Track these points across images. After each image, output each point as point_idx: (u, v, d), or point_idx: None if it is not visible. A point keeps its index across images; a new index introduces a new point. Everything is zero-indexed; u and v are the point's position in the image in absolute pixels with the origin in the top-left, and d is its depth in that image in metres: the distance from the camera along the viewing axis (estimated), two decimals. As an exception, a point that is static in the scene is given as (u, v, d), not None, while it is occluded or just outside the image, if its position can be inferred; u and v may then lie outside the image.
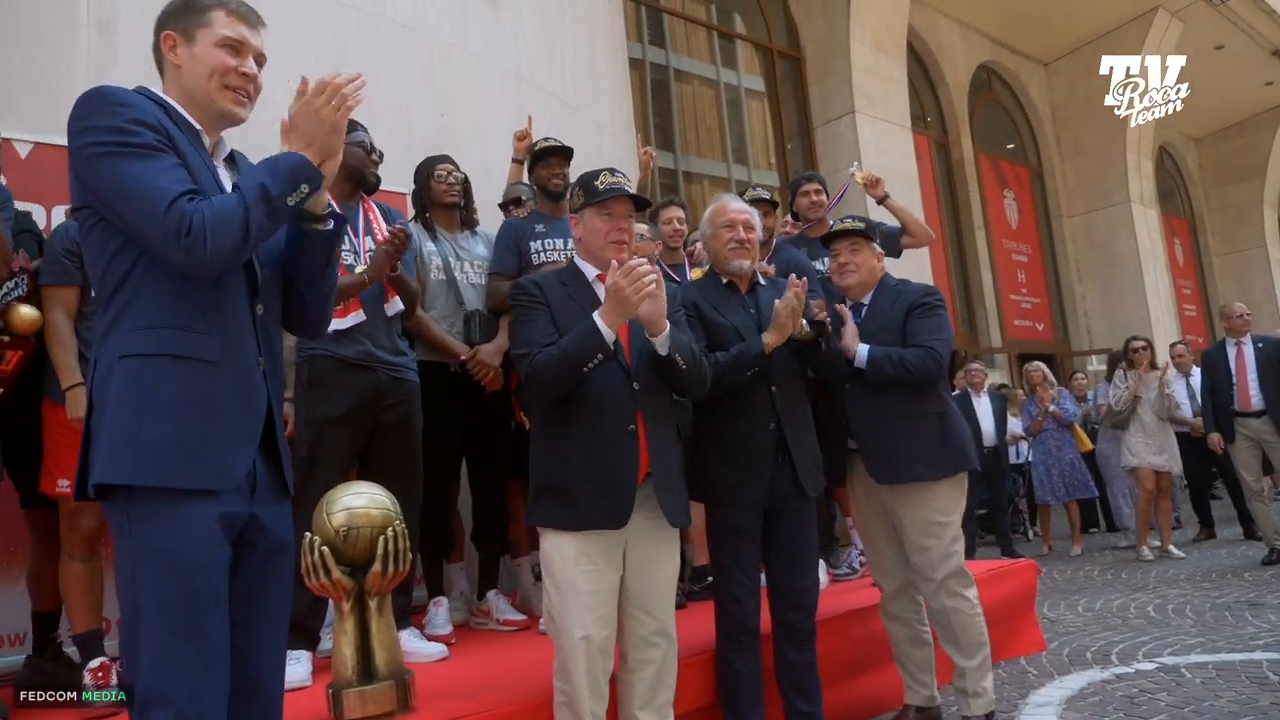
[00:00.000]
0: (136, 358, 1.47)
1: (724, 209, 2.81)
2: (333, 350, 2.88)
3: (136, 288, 1.50)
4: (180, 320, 1.50)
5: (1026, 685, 3.53)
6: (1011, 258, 13.83)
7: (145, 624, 1.41)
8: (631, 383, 2.27)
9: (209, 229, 1.43)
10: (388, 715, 2.21)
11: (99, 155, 1.47)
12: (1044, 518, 8.12)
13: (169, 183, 1.46)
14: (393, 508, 2.33)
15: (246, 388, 1.55)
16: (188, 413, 1.47)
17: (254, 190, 1.49)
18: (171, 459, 1.44)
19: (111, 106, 1.49)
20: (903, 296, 2.95)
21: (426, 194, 3.57)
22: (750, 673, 2.59)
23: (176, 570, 1.42)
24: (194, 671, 1.41)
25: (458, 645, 3.12)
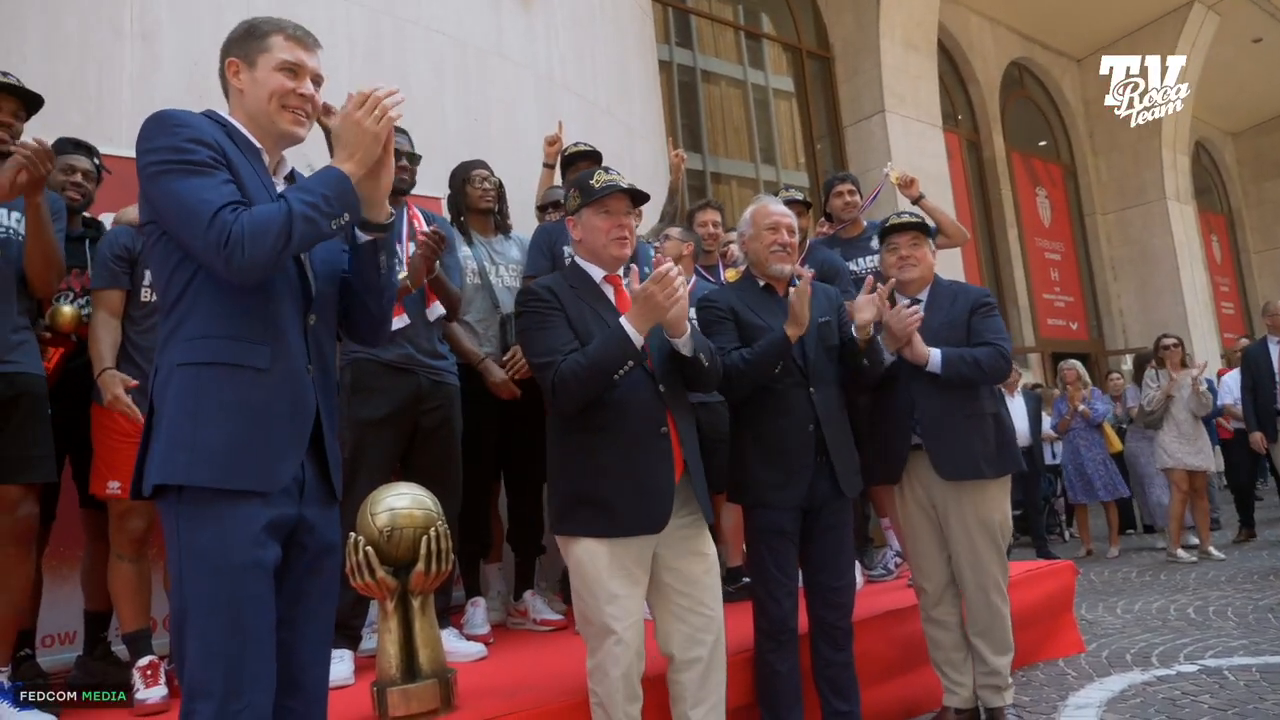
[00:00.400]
0: (193, 366, 1.55)
1: (767, 211, 2.81)
2: (375, 354, 2.93)
3: (194, 299, 1.58)
4: (234, 330, 1.57)
5: (1065, 687, 3.50)
6: (1044, 256, 13.67)
7: (192, 621, 1.48)
8: (658, 386, 2.27)
9: (247, 237, 1.50)
10: (431, 713, 2.25)
11: (157, 173, 1.55)
12: (1081, 519, 8.02)
13: (215, 196, 1.53)
14: (435, 509, 2.37)
15: (296, 395, 1.62)
16: (239, 418, 1.54)
17: (300, 205, 1.55)
18: (224, 461, 1.51)
19: (171, 127, 1.58)
20: (963, 295, 3.01)
21: (462, 199, 3.63)
22: (789, 672, 2.59)
23: (221, 570, 1.48)
24: (236, 668, 1.46)
25: (495, 645, 3.16)
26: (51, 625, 3.11)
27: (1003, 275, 12.76)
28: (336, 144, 1.65)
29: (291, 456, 1.59)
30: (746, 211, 2.86)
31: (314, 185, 1.59)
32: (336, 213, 1.59)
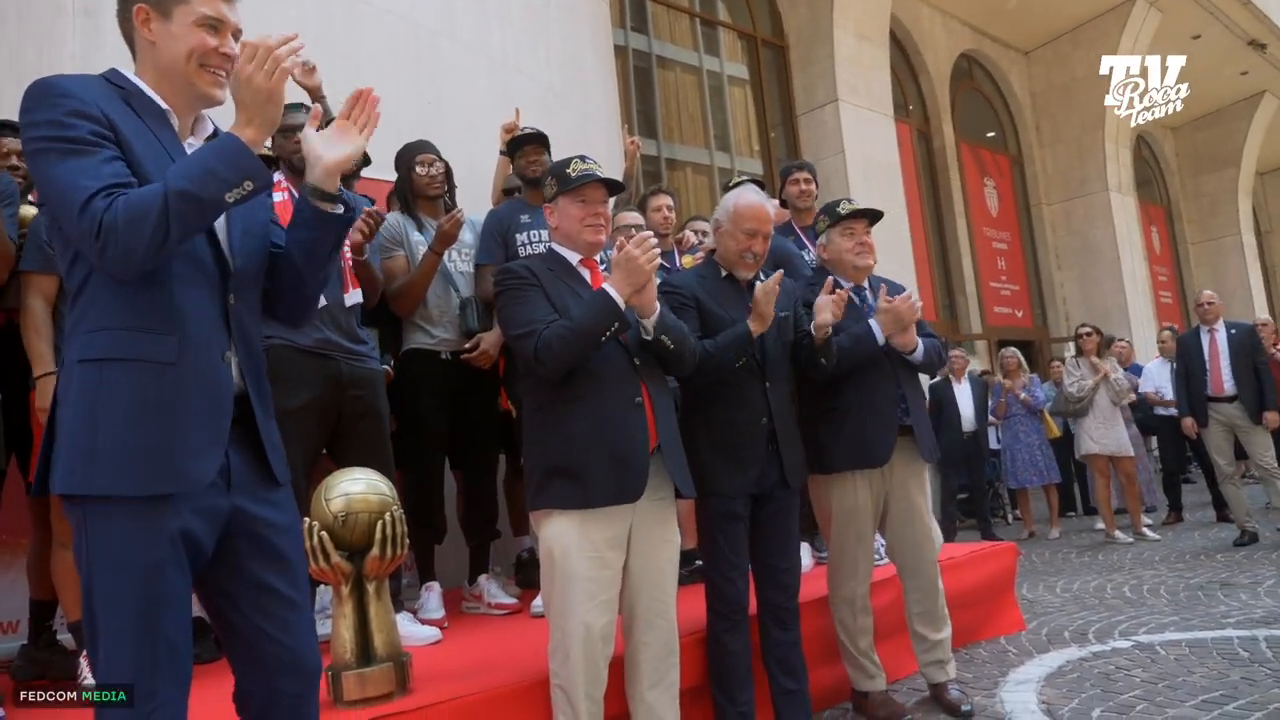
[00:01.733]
0: (92, 363, 1.43)
1: (752, 214, 2.73)
2: (292, 339, 2.82)
3: (94, 289, 1.46)
4: (135, 322, 1.44)
5: (1007, 664, 3.62)
6: (992, 245, 13.96)
7: (100, 621, 1.42)
8: (632, 358, 2.32)
9: (120, 225, 1.36)
10: (386, 696, 2.25)
11: (37, 153, 1.42)
12: (1023, 502, 8.26)
13: (90, 180, 1.38)
14: (390, 494, 2.37)
15: (209, 387, 1.50)
16: (143, 418, 1.42)
17: (182, 182, 1.39)
18: (128, 467, 1.40)
19: (54, 98, 1.43)
20: (894, 290, 3.12)
21: (409, 185, 3.56)
22: (742, 651, 2.65)
23: (129, 571, 1.41)
24: (145, 668, 1.41)
25: (450, 629, 3.17)
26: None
27: (951, 263, 13.01)
28: (238, 106, 1.46)
29: (209, 453, 1.48)
30: (730, 199, 2.80)
31: (202, 157, 1.44)
32: (232, 182, 1.41)
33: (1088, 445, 7.13)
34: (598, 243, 2.40)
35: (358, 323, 3.08)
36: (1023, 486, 8.05)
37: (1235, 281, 17.50)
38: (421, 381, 3.37)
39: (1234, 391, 6.25)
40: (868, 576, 3.08)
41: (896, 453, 2.98)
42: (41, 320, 2.69)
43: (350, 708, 2.20)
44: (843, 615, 3.07)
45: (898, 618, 3.24)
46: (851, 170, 10.10)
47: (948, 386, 7.75)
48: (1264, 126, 17.49)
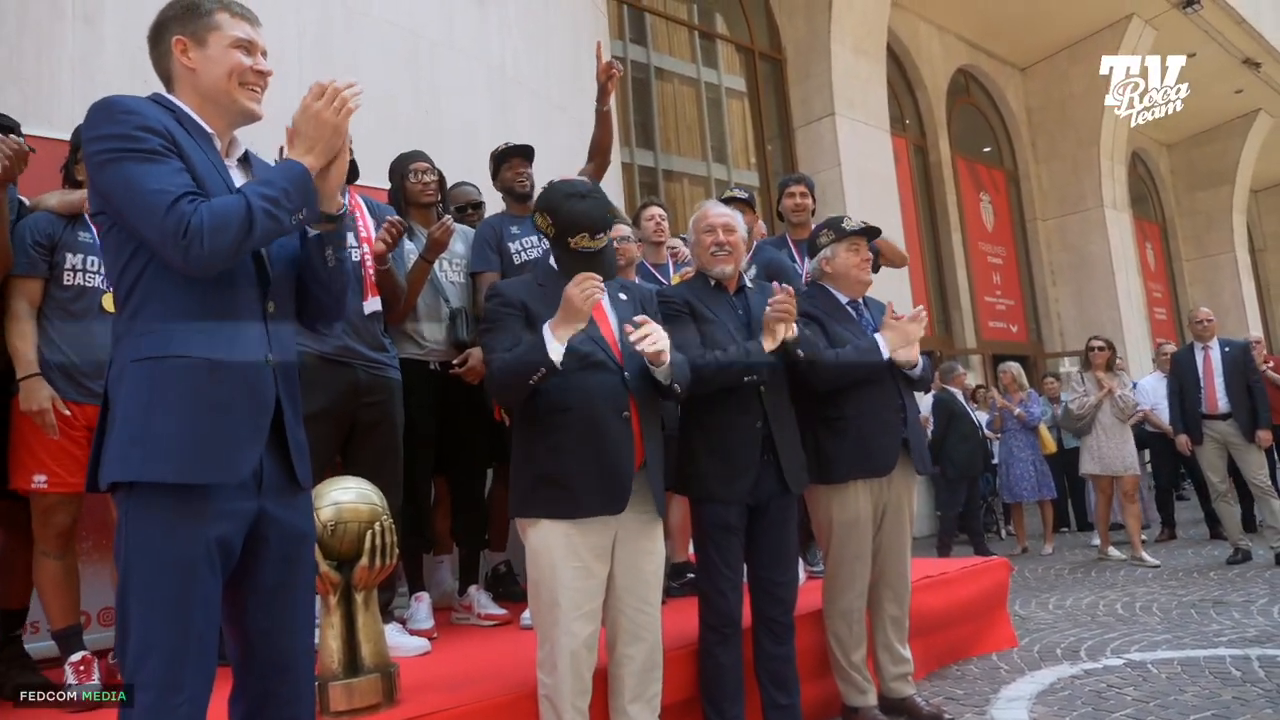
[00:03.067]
0: (147, 361, 1.52)
1: (705, 214, 2.88)
2: (312, 346, 2.86)
3: (148, 291, 1.55)
4: (190, 322, 1.54)
5: (998, 680, 3.61)
6: (987, 260, 13.99)
7: (133, 614, 1.47)
8: (623, 372, 2.32)
9: (206, 229, 1.47)
10: (373, 708, 2.24)
11: (108, 162, 1.52)
12: (1017, 517, 8.26)
13: (170, 185, 1.50)
14: (380, 503, 2.36)
15: (254, 387, 1.59)
16: (194, 411, 1.51)
17: (262, 196, 1.53)
18: (180, 455, 1.49)
19: (119, 114, 1.54)
20: (880, 308, 3.16)
21: (402, 193, 3.57)
22: (733, 665, 2.64)
23: (166, 565, 1.47)
24: (176, 661, 1.46)
25: (439, 640, 3.15)
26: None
27: (946, 277, 13.04)
28: (295, 136, 1.63)
29: (250, 449, 1.57)
30: (693, 216, 2.92)
31: (275, 179, 1.57)
32: (296, 207, 1.58)
33: (1089, 464, 6.97)
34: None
35: (381, 330, 3.09)
36: (1017, 501, 8.04)
37: (1229, 299, 17.55)
38: (410, 390, 3.37)
39: (1228, 409, 6.26)
40: (865, 590, 3.07)
41: (900, 466, 3.01)
42: (26, 324, 2.68)
43: (337, 718, 2.18)
44: (837, 628, 3.06)
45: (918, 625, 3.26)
46: (848, 183, 10.13)
47: (954, 399, 7.69)
48: (1259, 144, 17.57)
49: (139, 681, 1.46)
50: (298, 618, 1.66)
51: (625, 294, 2.51)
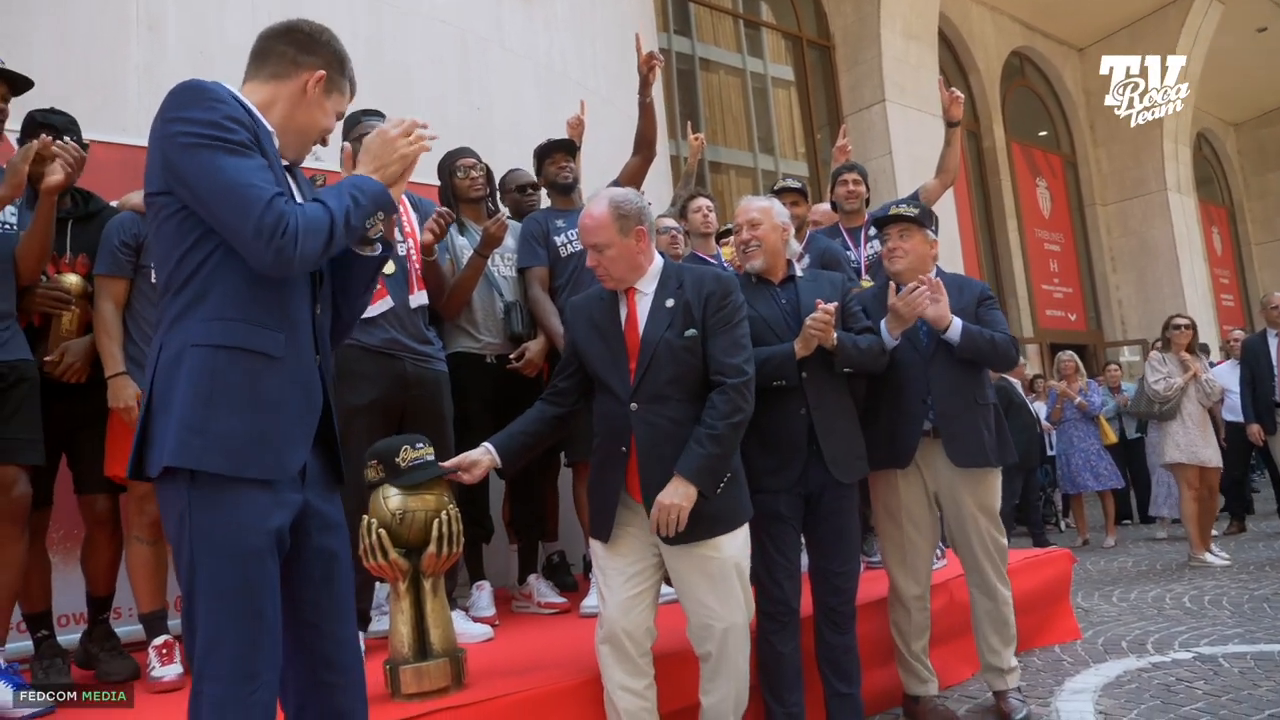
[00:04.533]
0: (209, 348, 1.51)
1: (738, 214, 2.89)
2: (359, 339, 2.91)
3: (210, 280, 1.54)
4: (249, 315, 1.55)
5: (1062, 672, 3.56)
6: (1044, 247, 13.71)
7: (201, 604, 1.48)
8: (628, 405, 2.34)
9: (301, 233, 1.49)
10: (442, 690, 2.28)
11: (194, 146, 1.50)
12: (1077, 509, 8.08)
13: (263, 182, 1.50)
14: (447, 492, 2.41)
15: (307, 385, 1.62)
16: (253, 406, 1.52)
17: (343, 206, 1.56)
18: (238, 449, 1.49)
19: (208, 100, 1.53)
20: (969, 287, 3.08)
21: (451, 190, 3.64)
22: (790, 654, 2.64)
23: (231, 555, 1.48)
24: (247, 651, 1.47)
25: (501, 627, 3.20)
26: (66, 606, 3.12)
27: (1001, 266, 12.80)
28: (362, 155, 1.67)
29: (301, 446, 1.59)
30: None
31: (355, 193, 1.60)
32: (370, 215, 1.62)
33: (1174, 453, 6.26)
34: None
35: (424, 324, 3.15)
36: (1078, 493, 7.86)
37: (1301, 283, 16.95)
38: (467, 384, 3.42)
39: (1302, 397, 6.04)
40: (924, 578, 3.05)
41: (935, 455, 2.96)
42: (112, 323, 2.77)
43: (408, 700, 2.24)
44: (897, 616, 3.05)
45: (954, 622, 3.20)
46: (899, 171, 10.00)
47: (1013, 389, 7.50)
48: (1332, 122, 16.94)
49: (209, 673, 1.47)
50: (343, 609, 1.69)
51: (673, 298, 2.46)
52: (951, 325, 2.90)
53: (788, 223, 2.89)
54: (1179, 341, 6.40)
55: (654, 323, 2.38)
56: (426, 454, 2.39)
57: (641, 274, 2.43)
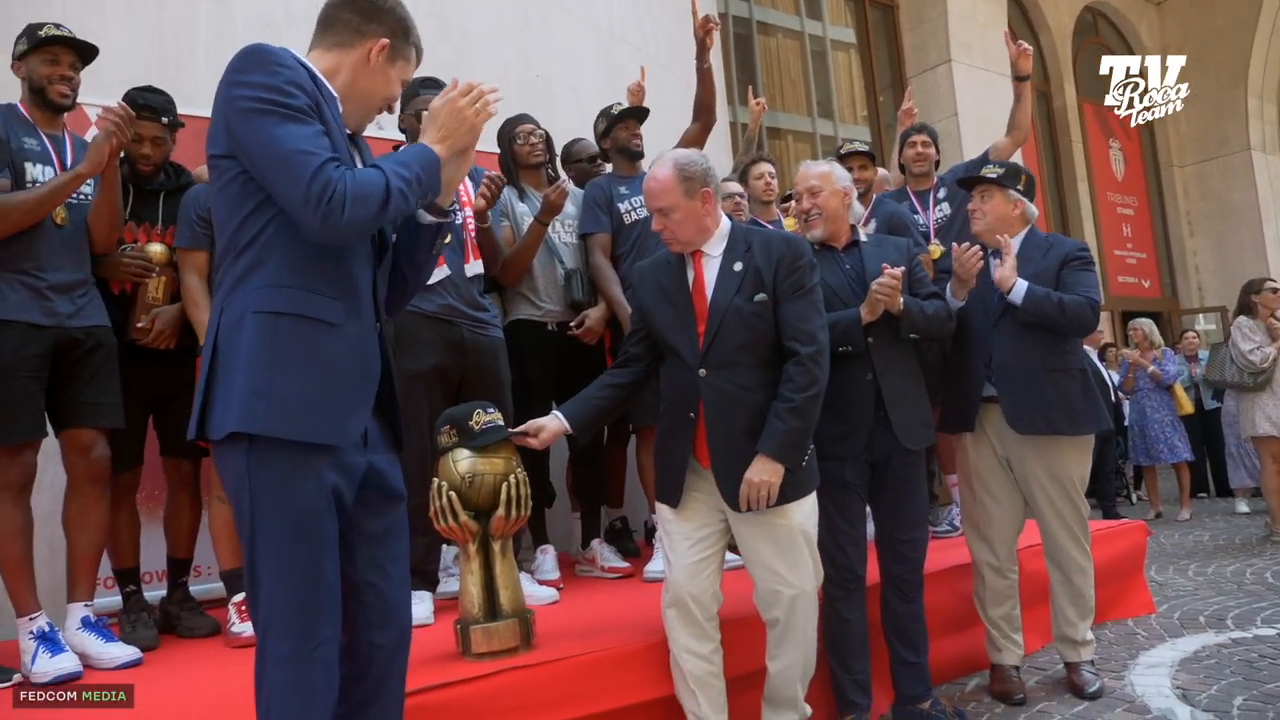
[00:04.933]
0: (270, 314, 1.52)
1: (801, 178, 2.82)
2: (418, 305, 2.94)
3: (269, 245, 1.55)
4: (310, 283, 1.55)
5: (1136, 646, 3.48)
6: (1116, 211, 13.23)
7: (264, 565, 1.50)
8: (697, 371, 2.32)
9: (349, 199, 1.47)
10: (512, 650, 2.32)
11: (253, 111, 1.50)
12: (1150, 481, 7.85)
13: (316, 148, 1.49)
14: (514, 456, 2.44)
15: (366, 353, 1.63)
16: (313, 373, 1.53)
17: (401, 175, 1.54)
18: (300, 414, 1.50)
19: (270, 65, 1.52)
20: (1056, 248, 2.97)
21: (511, 156, 3.64)
22: (856, 621, 2.62)
23: (291, 516, 1.50)
24: (310, 609, 1.50)
25: (566, 590, 3.24)
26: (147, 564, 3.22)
27: (1071, 231, 12.39)
28: (429, 123, 1.64)
29: (360, 413, 1.60)
30: None
31: (410, 162, 1.57)
32: (424, 192, 1.60)
33: (1263, 425, 5.97)
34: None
35: (479, 292, 3.17)
36: (1151, 464, 7.62)
37: (1395, 247, 16.07)
38: (528, 351, 3.45)
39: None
40: (1000, 546, 2.99)
41: (1001, 420, 2.89)
42: (199, 294, 2.86)
43: (478, 660, 2.28)
44: (975, 582, 3.04)
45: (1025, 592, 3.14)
46: (965, 133, 9.72)
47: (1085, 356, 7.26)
48: None
49: (272, 631, 1.49)
50: (399, 571, 1.71)
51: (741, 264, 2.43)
52: (1015, 287, 2.82)
53: (849, 186, 2.82)
54: (1269, 306, 6.12)
55: (722, 287, 2.35)
56: (496, 419, 2.42)
57: (708, 237, 2.40)
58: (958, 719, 2.69)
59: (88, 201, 2.75)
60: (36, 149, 2.68)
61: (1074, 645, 2.98)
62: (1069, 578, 2.95)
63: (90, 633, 2.60)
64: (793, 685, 2.37)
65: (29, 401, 2.56)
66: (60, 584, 2.72)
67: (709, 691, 2.32)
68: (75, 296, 2.67)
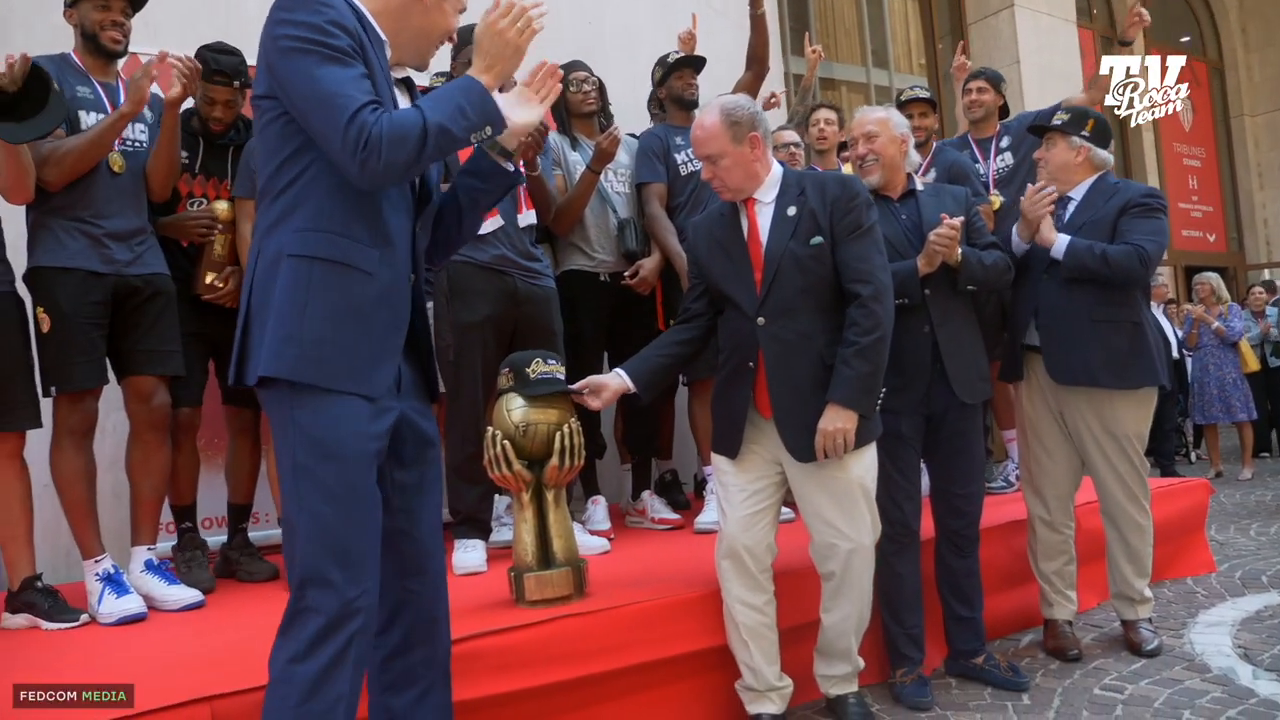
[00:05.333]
0: (305, 259, 1.50)
1: (859, 123, 2.73)
2: (471, 256, 2.96)
3: (307, 188, 1.52)
4: (345, 229, 1.52)
5: (1195, 605, 3.41)
6: (1182, 162, 12.71)
7: (306, 509, 1.47)
8: (755, 319, 2.28)
9: (385, 142, 1.42)
10: (565, 598, 2.34)
11: (294, 51, 1.46)
12: (1211, 439, 7.64)
13: (356, 91, 1.45)
14: (569, 407, 2.44)
15: (398, 303, 1.60)
16: (345, 320, 1.50)
17: (439, 114, 1.47)
18: (330, 361, 1.48)
19: (314, 4, 1.48)
20: (1120, 194, 2.85)
21: (564, 104, 3.59)
22: (909, 575, 2.60)
23: (337, 460, 1.48)
24: (352, 556, 1.48)
25: (617, 541, 3.26)
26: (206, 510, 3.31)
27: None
28: (475, 53, 1.56)
29: (389, 364, 1.57)
30: None
31: (451, 94, 1.51)
32: (476, 125, 1.51)
33: None
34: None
35: (531, 242, 3.16)
36: (1212, 423, 7.42)
37: None
38: (580, 303, 3.43)
39: None
40: (1052, 501, 2.93)
41: (1045, 373, 2.83)
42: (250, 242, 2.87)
43: (531, 607, 2.31)
44: (1028, 534, 3.00)
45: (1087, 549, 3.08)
46: (1027, 82, 9.38)
47: None
48: None
49: (313, 579, 1.46)
50: (431, 519, 1.70)
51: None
52: (1057, 243, 2.75)
53: (906, 134, 2.73)
54: None
55: (777, 233, 2.30)
56: (557, 370, 2.40)
57: (759, 183, 2.34)
58: (1011, 673, 2.66)
59: (145, 150, 2.77)
60: (90, 97, 2.68)
61: (1131, 603, 2.93)
62: (1125, 535, 2.89)
63: (154, 575, 2.68)
64: (847, 638, 2.37)
65: (89, 349, 2.60)
66: (125, 528, 2.80)
67: (761, 643, 2.33)
68: (134, 244, 2.70)
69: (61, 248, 2.57)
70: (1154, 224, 2.78)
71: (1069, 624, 2.96)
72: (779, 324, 2.26)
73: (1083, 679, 2.71)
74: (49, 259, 2.58)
